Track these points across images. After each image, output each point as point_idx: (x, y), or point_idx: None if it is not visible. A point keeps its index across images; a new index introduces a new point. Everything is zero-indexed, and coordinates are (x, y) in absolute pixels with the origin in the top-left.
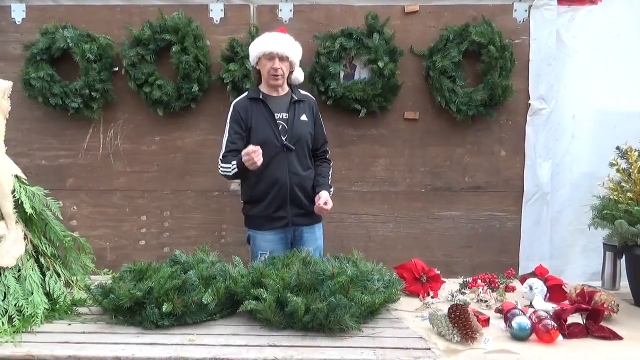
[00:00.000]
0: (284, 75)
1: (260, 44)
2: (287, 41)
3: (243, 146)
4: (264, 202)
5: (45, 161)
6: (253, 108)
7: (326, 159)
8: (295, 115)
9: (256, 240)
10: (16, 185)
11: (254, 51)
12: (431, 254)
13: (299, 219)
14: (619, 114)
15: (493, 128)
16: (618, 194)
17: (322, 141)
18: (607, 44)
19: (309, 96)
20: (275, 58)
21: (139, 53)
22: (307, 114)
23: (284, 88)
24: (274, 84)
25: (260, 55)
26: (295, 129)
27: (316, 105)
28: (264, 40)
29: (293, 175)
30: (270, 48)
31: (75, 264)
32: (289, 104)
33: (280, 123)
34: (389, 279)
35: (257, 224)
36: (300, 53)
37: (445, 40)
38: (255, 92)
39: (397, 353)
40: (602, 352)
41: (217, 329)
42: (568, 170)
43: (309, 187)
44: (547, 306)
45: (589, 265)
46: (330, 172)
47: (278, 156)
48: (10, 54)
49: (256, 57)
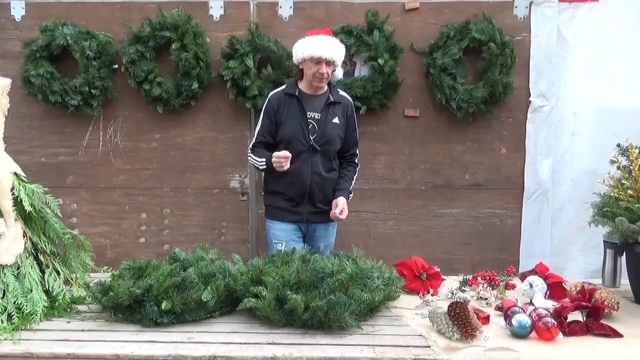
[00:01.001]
0: (327, 78)
1: (309, 47)
2: (334, 45)
3: (272, 139)
4: (284, 195)
5: (45, 159)
6: (286, 103)
7: (353, 163)
8: (328, 116)
9: (272, 229)
10: (15, 183)
11: (302, 52)
12: (431, 251)
13: (314, 217)
14: (620, 111)
15: (493, 125)
16: (618, 192)
17: (353, 144)
18: (608, 41)
19: (347, 98)
20: (322, 63)
21: (138, 50)
22: (340, 117)
23: (323, 88)
24: (317, 86)
25: (307, 57)
26: (325, 130)
27: (352, 108)
28: (313, 44)
29: (315, 175)
30: (319, 52)
31: (75, 261)
32: (323, 105)
33: (311, 122)
34: (389, 277)
35: (274, 214)
36: (344, 54)
37: (446, 38)
38: (292, 87)
39: (397, 351)
40: (603, 349)
41: (217, 326)
42: (569, 168)
43: (330, 188)
44: (547, 304)
45: (589, 263)
46: (354, 176)
47: (303, 154)
48: (10, 52)
49: (302, 58)
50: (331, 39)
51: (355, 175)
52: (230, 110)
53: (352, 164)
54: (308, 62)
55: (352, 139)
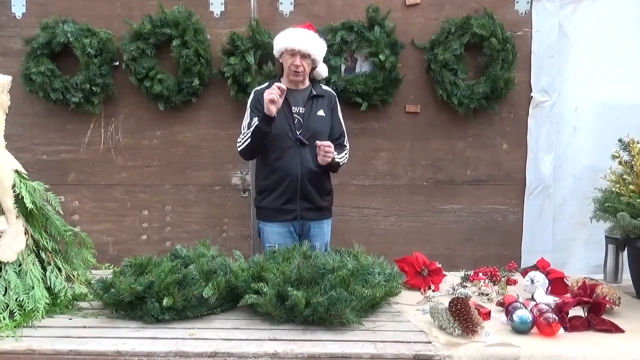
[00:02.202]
0: (304, 72)
1: (284, 39)
2: (310, 38)
3: None
4: (274, 193)
5: (46, 156)
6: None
7: (342, 145)
8: (312, 110)
9: (265, 232)
10: (16, 180)
11: (278, 45)
12: (433, 247)
13: (308, 214)
14: (622, 106)
15: (495, 121)
16: (620, 187)
17: (339, 133)
18: (609, 36)
19: (330, 91)
20: (297, 55)
21: (139, 47)
22: (325, 110)
23: (305, 83)
24: (294, 80)
25: (282, 50)
26: (310, 123)
27: (336, 100)
28: (288, 36)
29: (305, 169)
30: (292, 44)
31: (77, 258)
32: (307, 99)
33: (297, 117)
34: (390, 273)
35: (266, 215)
36: (324, 50)
37: (447, 33)
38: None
39: (398, 347)
40: (604, 345)
41: (218, 323)
42: (570, 163)
43: (321, 183)
44: (548, 299)
45: (591, 258)
46: (344, 152)
47: (291, 149)
48: (11, 49)
49: (279, 51)
50: (308, 32)
51: (344, 152)
52: (231, 106)
53: (342, 145)
54: (285, 54)
55: (338, 131)
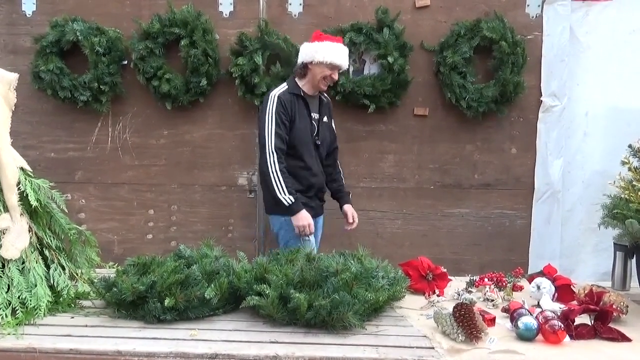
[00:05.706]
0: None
1: (331, 53)
2: (347, 55)
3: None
4: (303, 192)
5: (54, 154)
6: (295, 103)
7: (337, 161)
8: (321, 116)
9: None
10: (21, 178)
11: (319, 55)
12: (440, 251)
13: (320, 209)
14: (633, 112)
15: (504, 125)
16: (629, 193)
17: (335, 138)
18: (621, 41)
19: (328, 98)
20: (336, 69)
21: (147, 46)
22: (327, 115)
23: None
24: (322, 90)
25: (325, 62)
26: (322, 129)
27: (331, 106)
28: (336, 52)
29: (319, 170)
30: (340, 61)
31: (80, 257)
32: (319, 105)
33: (314, 123)
34: (394, 277)
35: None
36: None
37: (457, 36)
38: (295, 87)
39: (400, 351)
40: (610, 354)
41: (219, 324)
42: (580, 168)
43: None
44: (554, 306)
45: (600, 265)
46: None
47: (313, 152)
48: (21, 47)
49: (317, 60)
50: (346, 49)
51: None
52: (238, 107)
53: (337, 163)
54: (322, 65)
55: (335, 136)
